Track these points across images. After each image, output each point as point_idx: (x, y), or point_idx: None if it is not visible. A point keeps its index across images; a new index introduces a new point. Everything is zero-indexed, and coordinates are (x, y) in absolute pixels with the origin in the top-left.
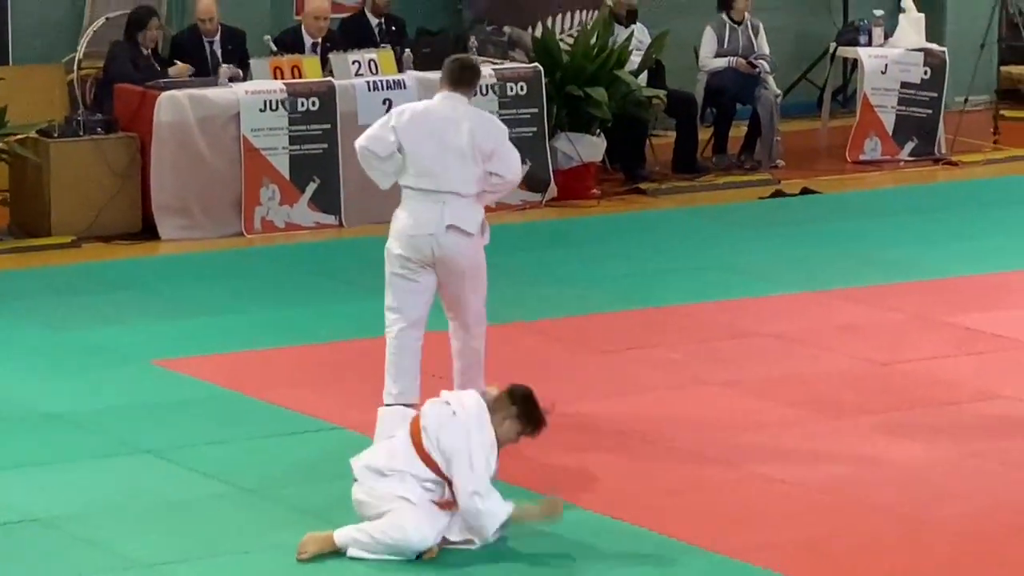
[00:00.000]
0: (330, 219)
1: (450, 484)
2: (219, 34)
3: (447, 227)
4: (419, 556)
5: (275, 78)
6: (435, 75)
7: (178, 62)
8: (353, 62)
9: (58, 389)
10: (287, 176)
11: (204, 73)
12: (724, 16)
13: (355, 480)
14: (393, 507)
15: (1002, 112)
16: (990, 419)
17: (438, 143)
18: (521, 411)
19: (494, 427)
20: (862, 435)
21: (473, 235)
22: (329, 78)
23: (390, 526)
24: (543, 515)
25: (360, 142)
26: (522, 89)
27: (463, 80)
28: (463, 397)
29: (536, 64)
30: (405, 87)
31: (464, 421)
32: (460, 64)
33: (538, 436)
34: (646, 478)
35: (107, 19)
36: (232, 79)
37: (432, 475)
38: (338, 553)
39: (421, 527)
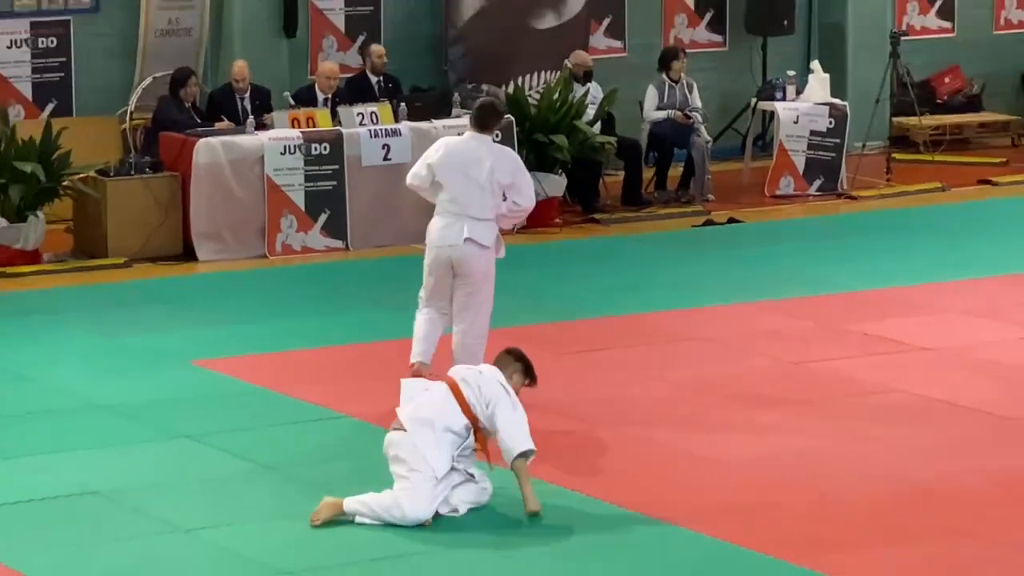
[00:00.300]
0: (338, 244)
1: (477, 432)
2: (248, 91)
3: (465, 240)
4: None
5: (293, 127)
6: (426, 124)
7: (222, 117)
8: (357, 114)
9: (112, 385)
10: (303, 208)
11: (236, 122)
12: (664, 76)
13: (398, 429)
14: (405, 476)
15: (893, 155)
16: (886, 410)
17: (463, 176)
18: (524, 366)
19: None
20: (778, 422)
21: (487, 247)
22: (338, 127)
23: (392, 504)
24: (530, 506)
25: (408, 178)
26: (497, 136)
27: (486, 124)
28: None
29: (509, 115)
30: (401, 134)
31: (493, 375)
32: (484, 110)
33: (535, 387)
34: (598, 456)
35: (154, 78)
36: (258, 128)
37: (464, 423)
38: (346, 519)
39: (417, 507)
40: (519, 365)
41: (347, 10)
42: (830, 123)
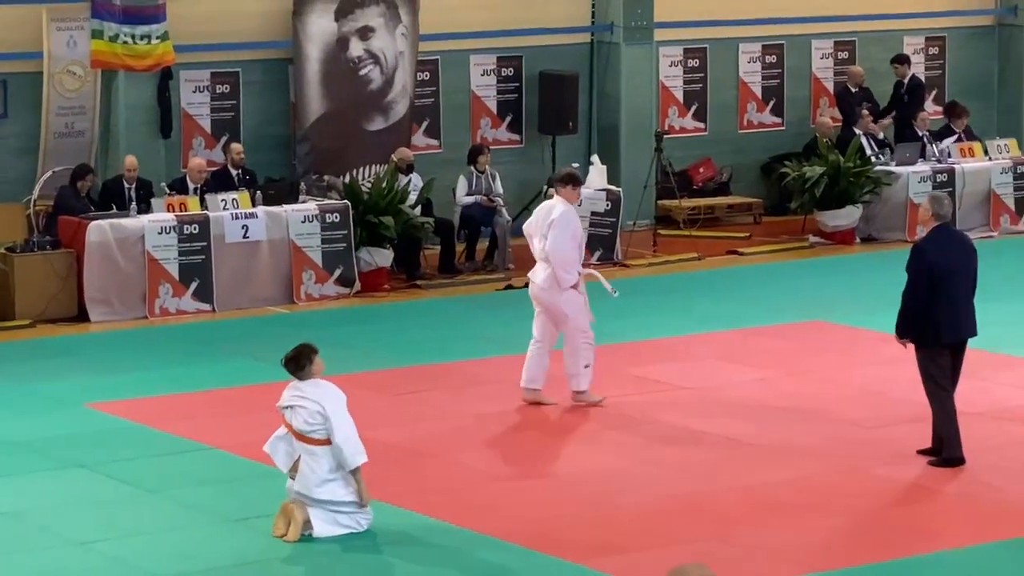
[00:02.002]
0: (206, 307)
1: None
2: (135, 182)
3: (529, 282)
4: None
5: (169, 211)
6: (278, 209)
7: (112, 204)
8: (221, 200)
9: (18, 424)
10: (177, 277)
11: (123, 208)
12: (472, 168)
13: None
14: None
15: (658, 231)
16: (656, 438)
17: (539, 226)
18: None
19: None
20: (570, 448)
21: (544, 288)
22: (205, 211)
23: None
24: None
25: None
26: (336, 218)
27: (560, 185)
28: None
29: (346, 201)
30: (257, 217)
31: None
32: (560, 176)
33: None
34: (425, 480)
35: (53, 172)
36: (140, 213)
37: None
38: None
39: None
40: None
41: (212, 115)
42: (607, 205)
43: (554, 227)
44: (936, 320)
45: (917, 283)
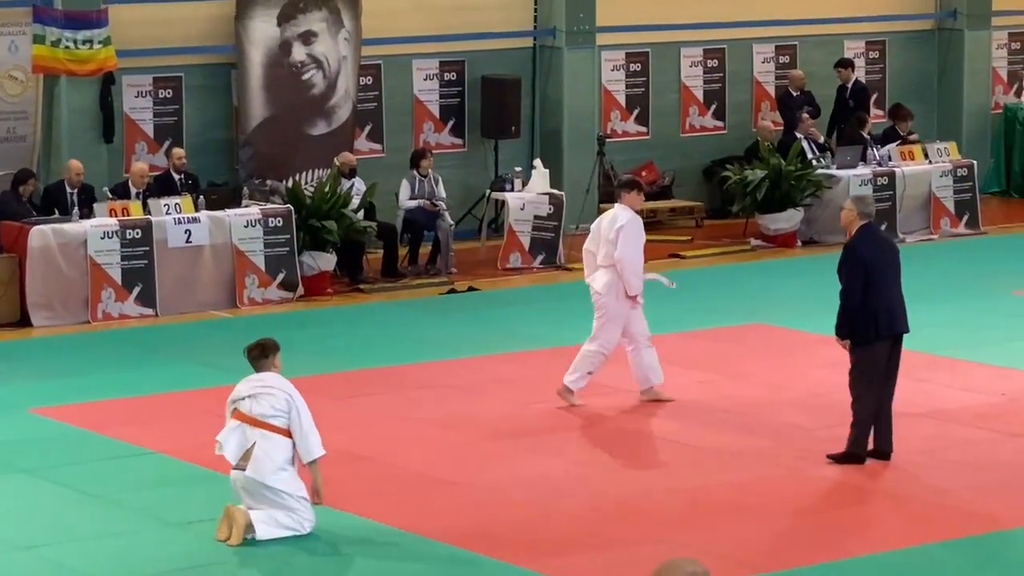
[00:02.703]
0: (149, 311)
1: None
2: (78, 187)
3: (590, 286)
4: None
5: (111, 216)
6: (220, 213)
7: (55, 209)
8: (164, 205)
9: None
10: (119, 282)
11: (65, 213)
12: (415, 172)
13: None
14: None
15: None
16: (597, 440)
17: (603, 236)
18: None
19: None
20: (512, 452)
21: (603, 293)
22: (148, 216)
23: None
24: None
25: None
26: (280, 222)
27: (625, 191)
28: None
29: (289, 205)
30: (200, 221)
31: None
32: (624, 182)
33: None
34: (366, 483)
35: None
36: (83, 218)
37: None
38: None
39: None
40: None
41: (155, 120)
42: (550, 209)
43: (623, 233)
44: (875, 315)
45: (853, 281)
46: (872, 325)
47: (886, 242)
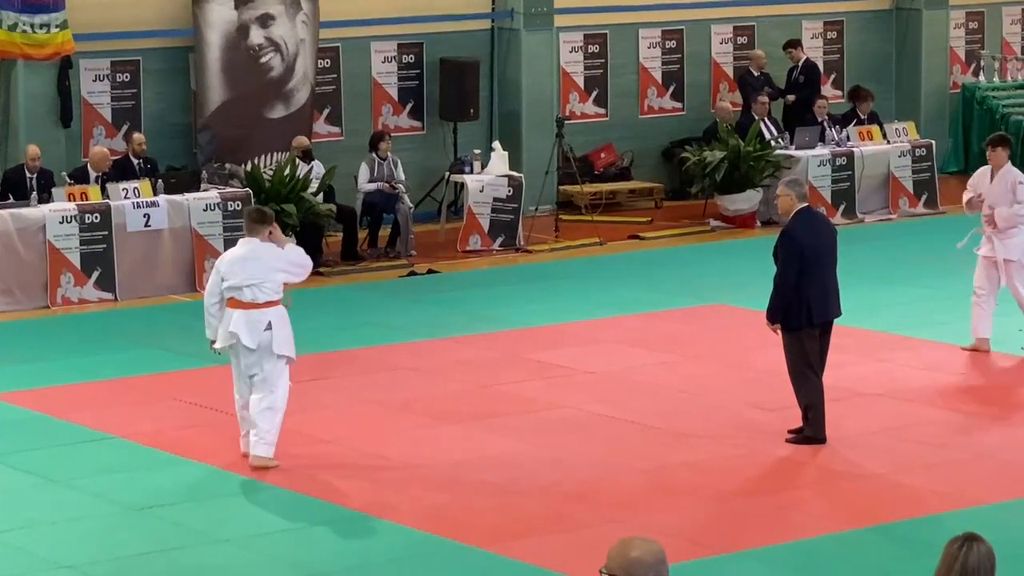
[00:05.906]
0: (109, 296)
1: None
2: (37, 172)
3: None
4: None
5: (70, 200)
6: (179, 197)
7: (8, 194)
8: (123, 189)
9: None
10: (79, 267)
11: (24, 197)
12: (373, 155)
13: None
14: None
15: (560, 216)
16: (557, 422)
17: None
18: None
19: None
20: (472, 434)
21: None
22: (107, 200)
23: None
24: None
25: None
26: (239, 206)
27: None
28: None
29: (247, 188)
30: (159, 205)
31: None
32: (995, 138)
33: None
34: (326, 468)
35: None
36: (41, 202)
37: None
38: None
39: None
40: None
41: (113, 104)
42: (509, 191)
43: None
44: (808, 302)
45: (789, 267)
46: (804, 312)
47: (825, 225)
